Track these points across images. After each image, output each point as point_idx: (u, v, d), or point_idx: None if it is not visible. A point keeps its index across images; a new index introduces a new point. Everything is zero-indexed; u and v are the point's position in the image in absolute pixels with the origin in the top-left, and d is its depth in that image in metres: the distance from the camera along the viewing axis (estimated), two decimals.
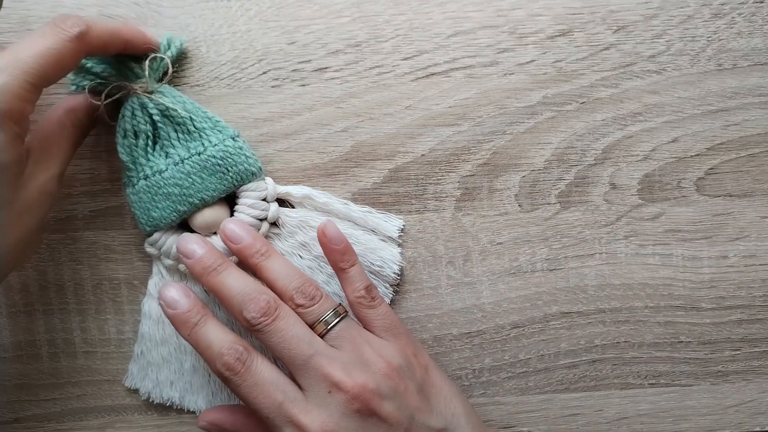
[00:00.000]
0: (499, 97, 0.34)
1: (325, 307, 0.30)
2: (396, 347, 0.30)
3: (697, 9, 0.34)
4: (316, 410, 0.28)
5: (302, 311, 0.29)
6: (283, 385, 0.28)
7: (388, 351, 0.30)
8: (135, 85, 0.32)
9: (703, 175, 0.35)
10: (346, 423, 0.27)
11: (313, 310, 0.29)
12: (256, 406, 0.28)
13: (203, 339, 0.29)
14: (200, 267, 0.30)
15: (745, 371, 0.35)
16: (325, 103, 0.34)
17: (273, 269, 0.30)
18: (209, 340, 0.28)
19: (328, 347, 0.29)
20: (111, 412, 0.35)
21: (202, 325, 0.29)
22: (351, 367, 0.28)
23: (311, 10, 0.34)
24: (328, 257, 0.31)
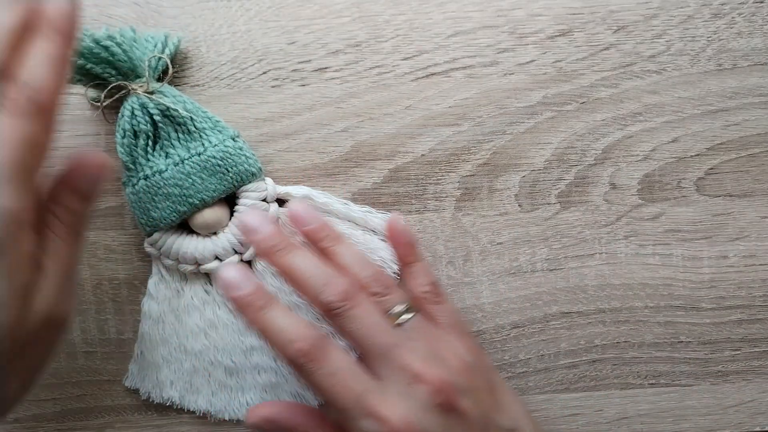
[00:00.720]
0: (499, 97, 0.34)
1: (398, 298, 0.29)
2: (465, 345, 0.30)
3: (697, 9, 0.34)
4: (395, 402, 0.26)
5: (377, 300, 0.28)
6: (361, 374, 0.27)
7: (458, 348, 0.29)
8: (135, 84, 0.32)
9: (703, 175, 0.35)
10: (428, 416, 0.26)
11: (388, 300, 0.28)
12: (332, 396, 0.26)
13: (272, 323, 0.27)
14: (269, 245, 0.28)
15: (745, 371, 0.35)
16: (325, 103, 0.34)
17: (345, 255, 0.29)
18: (279, 325, 0.27)
19: (408, 338, 0.28)
20: (111, 412, 0.35)
21: (270, 309, 0.27)
22: (430, 359, 0.27)
23: (311, 10, 0.34)
24: (396, 251, 0.31)
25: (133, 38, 0.32)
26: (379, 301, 0.28)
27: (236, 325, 0.34)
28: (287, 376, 0.34)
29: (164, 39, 0.33)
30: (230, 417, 0.34)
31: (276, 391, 0.34)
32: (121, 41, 0.31)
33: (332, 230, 0.30)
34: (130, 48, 0.31)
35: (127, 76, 0.32)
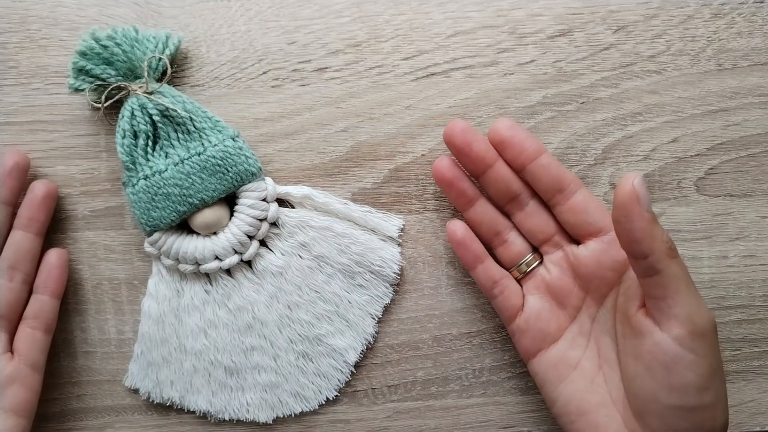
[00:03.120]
0: (499, 97, 0.34)
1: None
2: None
3: (697, 9, 0.34)
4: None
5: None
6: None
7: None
8: (134, 85, 0.32)
9: (703, 175, 0.35)
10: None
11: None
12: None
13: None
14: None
15: (745, 371, 0.35)
16: (325, 103, 0.34)
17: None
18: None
19: None
20: (111, 412, 0.35)
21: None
22: None
23: (311, 10, 0.34)
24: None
25: (134, 38, 0.32)
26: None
27: (236, 325, 0.34)
28: (287, 375, 0.34)
29: (165, 39, 0.33)
30: (230, 417, 0.34)
31: (276, 391, 0.34)
32: (122, 41, 0.31)
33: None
34: (130, 48, 0.31)
35: (127, 77, 0.32)
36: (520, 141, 0.30)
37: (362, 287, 0.34)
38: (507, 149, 0.30)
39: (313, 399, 0.34)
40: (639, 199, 0.25)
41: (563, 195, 0.30)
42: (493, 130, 0.30)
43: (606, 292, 0.30)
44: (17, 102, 0.34)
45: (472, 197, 0.32)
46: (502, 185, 0.31)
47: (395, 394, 0.35)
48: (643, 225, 0.25)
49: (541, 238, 0.31)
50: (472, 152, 0.30)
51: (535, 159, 0.30)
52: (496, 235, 0.32)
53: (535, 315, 0.31)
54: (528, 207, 0.31)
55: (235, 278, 0.34)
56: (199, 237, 0.33)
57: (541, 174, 0.30)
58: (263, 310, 0.33)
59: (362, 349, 0.34)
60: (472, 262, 0.32)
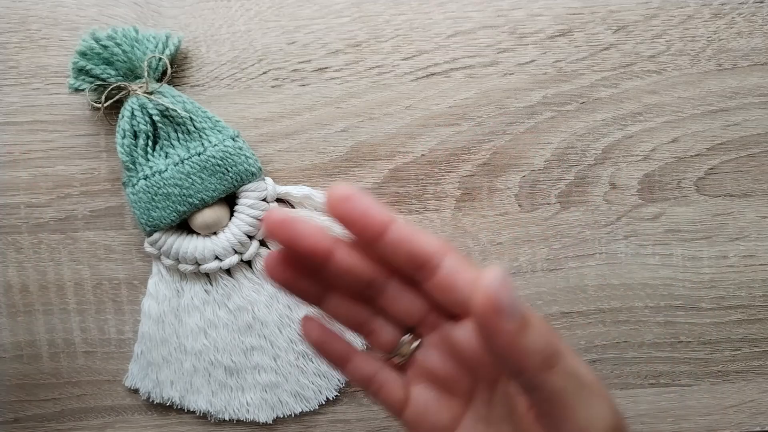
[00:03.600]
0: (499, 97, 0.34)
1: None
2: None
3: (697, 9, 0.34)
4: None
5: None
6: None
7: None
8: (134, 85, 0.32)
9: (703, 175, 0.35)
10: None
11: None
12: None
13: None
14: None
15: (745, 371, 0.35)
16: (325, 103, 0.34)
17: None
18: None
19: None
20: (111, 412, 0.35)
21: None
22: None
23: (311, 10, 0.34)
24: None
25: (135, 38, 0.32)
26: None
27: (236, 325, 0.34)
28: (287, 375, 0.34)
29: (165, 39, 0.33)
30: (230, 417, 0.34)
31: (276, 391, 0.34)
32: (122, 41, 0.31)
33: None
34: (130, 48, 0.31)
35: (127, 77, 0.32)
36: (361, 215, 0.23)
37: None
38: (346, 226, 0.23)
39: (313, 399, 0.34)
40: (500, 311, 0.20)
41: (425, 271, 0.24)
42: (327, 204, 0.23)
43: (496, 375, 0.25)
44: (17, 102, 0.34)
45: (316, 294, 0.25)
46: (348, 276, 0.24)
47: None
48: (509, 341, 0.20)
49: (412, 321, 0.26)
50: (300, 249, 0.23)
51: (383, 234, 0.23)
52: (360, 326, 0.26)
53: (423, 408, 0.26)
54: (387, 291, 0.25)
55: (235, 278, 0.34)
56: (199, 237, 0.33)
57: (392, 251, 0.23)
58: (263, 310, 0.33)
59: (362, 348, 0.34)
60: (338, 363, 0.26)
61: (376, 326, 0.26)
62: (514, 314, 0.20)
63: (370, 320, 0.26)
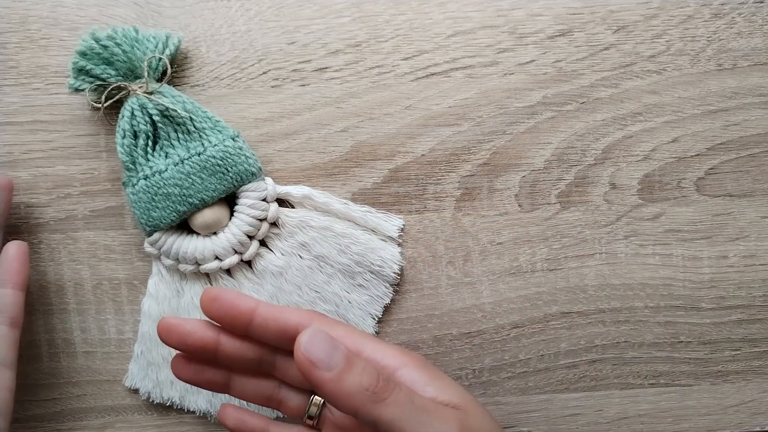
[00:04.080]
0: (499, 97, 0.34)
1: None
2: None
3: (697, 9, 0.34)
4: None
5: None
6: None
7: None
8: (134, 85, 0.32)
9: (703, 175, 0.35)
10: None
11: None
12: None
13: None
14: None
15: (745, 371, 0.35)
16: (325, 103, 0.34)
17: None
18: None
19: None
20: (111, 412, 0.35)
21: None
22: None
23: (311, 10, 0.34)
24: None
25: (135, 38, 0.32)
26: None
27: None
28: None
29: (165, 39, 0.33)
30: None
31: None
32: (122, 41, 0.31)
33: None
34: (130, 48, 0.31)
35: (127, 77, 0.32)
36: (229, 308, 0.27)
37: (362, 287, 0.34)
38: (221, 322, 0.28)
39: None
40: (313, 364, 0.23)
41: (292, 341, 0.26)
42: (202, 308, 0.28)
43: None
44: (17, 102, 0.34)
45: (222, 381, 0.29)
46: (239, 359, 0.28)
47: None
48: (332, 387, 0.23)
49: (308, 384, 0.28)
50: (189, 347, 0.28)
51: (251, 320, 0.27)
52: (268, 400, 0.30)
53: None
54: (277, 364, 0.29)
55: (235, 278, 0.34)
56: (199, 237, 0.33)
57: (263, 332, 0.27)
58: None
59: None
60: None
61: (282, 396, 0.29)
62: (331, 363, 0.24)
63: (275, 392, 0.29)
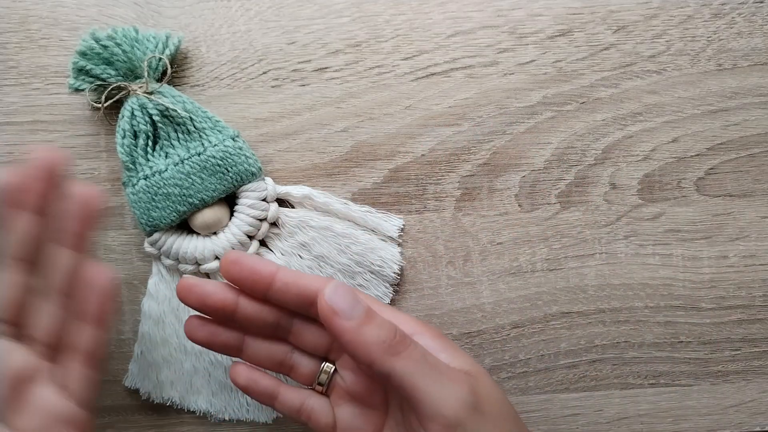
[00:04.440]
0: (499, 97, 0.34)
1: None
2: None
3: (697, 9, 0.34)
4: None
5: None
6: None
7: None
8: (134, 85, 0.32)
9: (703, 175, 0.35)
10: None
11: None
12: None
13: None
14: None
15: (745, 371, 0.35)
16: (325, 103, 0.34)
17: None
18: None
19: None
20: (111, 412, 0.35)
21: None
22: None
23: (311, 10, 0.34)
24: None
25: (135, 38, 0.32)
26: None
27: None
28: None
29: (165, 39, 0.33)
30: (230, 417, 0.34)
31: None
32: (122, 41, 0.31)
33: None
34: (130, 48, 0.31)
35: (127, 77, 0.32)
36: (249, 272, 0.27)
37: (362, 287, 0.34)
38: (240, 285, 0.28)
39: None
40: (337, 312, 0.24)
41: (314, 306, 0.27)
42: (222, 272, 0.28)
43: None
44: (17, 102, 0.34)
45: (236, 344, 0.29)
46: (256, 322, 0.29)
47: None
48: (351, 336, 0.24)
49: (322, 350, 0.29)
50: (208, 307, 0.28)
51: (271, 283, 0.27)
52: (280, 365, 0.30)
53: (348, 425, 0.29)
54: (294, 329, 0.29)
55: None
56: (199, 237, 0.33)
57: (283, 296, 0.28)
58: None
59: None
60: (267, 400, 0.29)
61: (294, 362, 0.30)
62: (352, 314, 0.24)
63: (287, 357, 0.30)
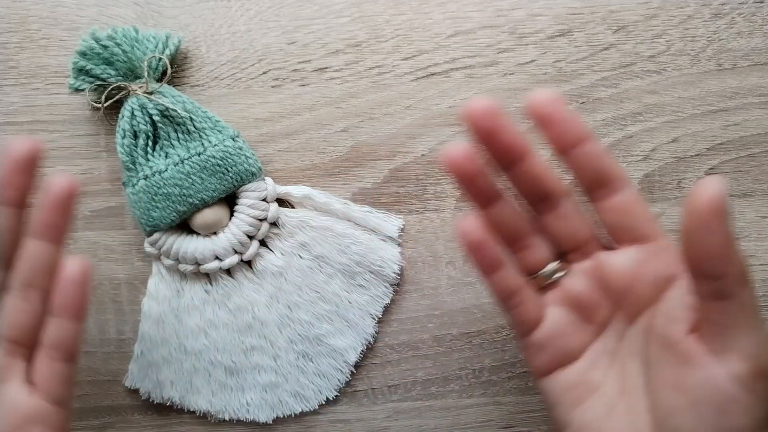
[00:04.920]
0: (499, 97, 0.34)
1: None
2: None
3: (697, 9, 0.34)
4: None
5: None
6: None
7: None
8: (134, 85, 0.32)
9: (703, 175, 0.35)
10: None
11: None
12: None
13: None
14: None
15: None
16: (325, 103, 0.34)
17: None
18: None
19: None
20: (111, 412, 0.35)
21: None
22: None
23: (311, 10, 0.34)
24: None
25: (135, 38, 0.32)
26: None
27: (236, 325, 0.34)
28: (287, 375, 0.34)
29: (165, 39, 0.33)
30: (230, 417, 0.34)
31: (276, 391, 0.34)
32: (122, 41, 0.31)
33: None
34: (130, 48, 0.31)
35: (127, 77, 0.32)
36: (564, 120, 0.24)
37: (362, 287, 0.34)
38: (548, 127, 0.25)
39: (313, 399, 0.34)
40: (722, 212, 0.21)
41: (606, 190, 0.25)
42: (533, 102, 0.25)
43: (641, 309, 0.26)
44: (17, 102, 0.34)
45: (493, 195, 0.26)
46: (532, 182, 0.26)
47: (395, 394, 0.35)
48: (723, 242, 0.21)
49: (572, 244, 0.27)
50: (498, 142, 0.25)
51: (579, 144, 0.24)
52: (518, 239, 0.27)
53: (556, 330, 0.27)
54: (560, 208, 0.26)
55: (235, 278, 0.34)
56: (199, 237, 0.33)
57: (583, 163, 0.25)
58: (263, 310, 0.33)
59: (362, 349, 0.34)
60: (487, 269, 0.26)
61: (532, 243, 0.27)
62: (731, 222, 0.21)
63: (529, 234, 0.27)
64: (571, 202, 0.27)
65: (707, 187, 0.21)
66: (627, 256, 0.26)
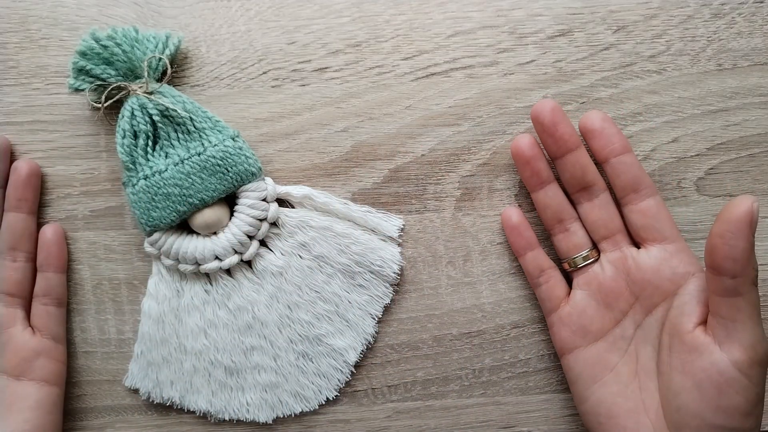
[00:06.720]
0: (499, 97, 0.34)
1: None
2: None
3: (697, 9, 0.34)
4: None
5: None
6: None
7: None
8: (134, 85, 0.32)
9: (703, 175, 0.35)
10: None
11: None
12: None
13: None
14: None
15: None
16: (325, 103, 0.34)
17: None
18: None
19: None
20: (111, 412, 0.35)
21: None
22: None
23: (311, 10, 0.34)
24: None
25: (135, 38, 0.32)
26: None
27: (236, 325, 0.34)
28: (287, 375, 0.34)
29: (165, 39, 0.33)
30: (230, 417, 0.34)
31: (276, 391, 0.34)
32: (122, 41, 0.31)
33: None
34: (130, 48, 0.31)
35: (127, 77, 0.32)
36: (610, 134, 0.30)
37: (362, 287, 0.34)
38: (595, 139, 0.31)
39: (313, 399, 0.34)
40: (752, 224, 0.25)
41: (637, 196, 0.30)
42: (585, 118, 0.31)
43: (658, 301, 0.30)
44: (17, 102, 0.34)
45: (545, 179, 0.32)
46: (578, 172, 0.31)
47: (395, 394, 0.35)
48: (747, 248, 0.26)
49: (604, 233, 0.31)
50: (557, 132, 0.30)
51: (620, 155, 0.30)
52: (560, 222, 0.32)
53: (580, 310, 0.32)
54: (598, 199, 0.31)
55: (235, 278, 0.34)
56: (199, 237, 0.33)
57: (621, 170, 0.30)
58: (263, 310, 0.33)
59: (362, 349, 0.34)
60: (522, 248, 0.33)
61: (572, 227, 0.32)
62: (754, 232, 0.26)
63: (569, 220, 0.32)
64: (607, 196, 0.31)
65: (743, 201, 0.25)
66: (650, 253, 0.30)
